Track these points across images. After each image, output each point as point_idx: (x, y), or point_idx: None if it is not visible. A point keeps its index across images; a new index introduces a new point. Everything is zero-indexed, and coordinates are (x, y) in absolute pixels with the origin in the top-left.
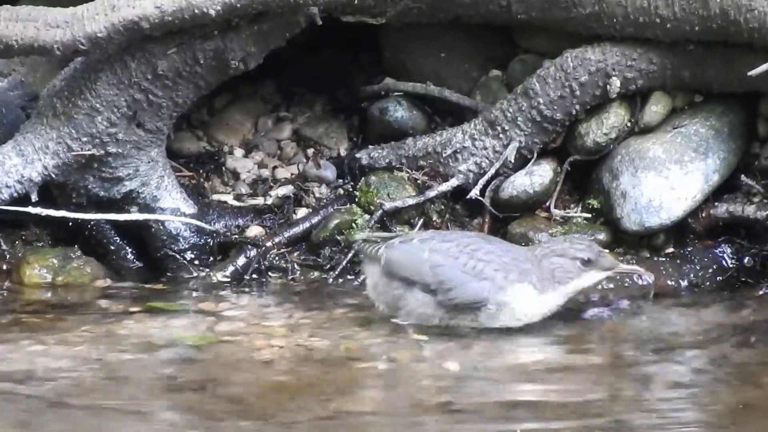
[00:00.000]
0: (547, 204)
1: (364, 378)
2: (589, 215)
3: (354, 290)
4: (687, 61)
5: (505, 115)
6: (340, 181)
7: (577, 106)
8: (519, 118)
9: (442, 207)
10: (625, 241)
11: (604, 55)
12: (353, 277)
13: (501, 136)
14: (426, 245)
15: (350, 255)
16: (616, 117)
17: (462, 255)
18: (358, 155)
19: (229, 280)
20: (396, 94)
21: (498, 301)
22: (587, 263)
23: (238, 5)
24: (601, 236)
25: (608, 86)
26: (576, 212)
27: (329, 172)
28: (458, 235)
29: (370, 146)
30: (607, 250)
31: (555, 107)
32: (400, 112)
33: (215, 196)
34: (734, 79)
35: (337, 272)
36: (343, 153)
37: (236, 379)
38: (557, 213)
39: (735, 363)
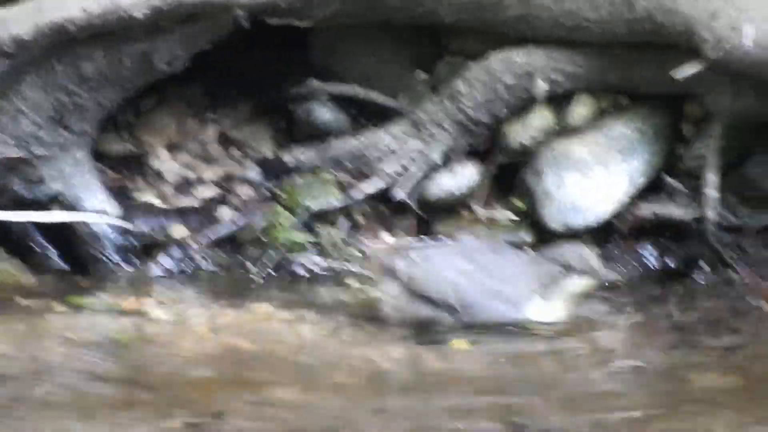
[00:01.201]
0: (473, 205)
1: (290, 374)
2: (515, 216)
3: (280, 290)
4: (613, 64)
5: (430, 116)
6: (266, 182)
7: (503, 108)
8: (444, 120)
9: (368, 208)
10: (550, 242)
11: (530, 57)
12: (279, 277)
13: (427, 137)
14: (445, 262)
15: (276, 256)
16: (541, 119)
17: (479, 272)
18: (283, 157)
19: (153, 280)
20: (322, 95)
21: (517, 320)
22: (570, 269)
23: (165, 8)
24: (526, 237)
25: (534, 88)
26: (501, 213)
27: (254, 173)
28: (468, 247)
29: (296, 148)
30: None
31: (481, 109)
32: (326, 114)
33: (140, 198)
34: (660, 81)
35: (263, 273)
36: (269, 154)
37: (160, 374)
38: (483, 214)
39: (662, 364)
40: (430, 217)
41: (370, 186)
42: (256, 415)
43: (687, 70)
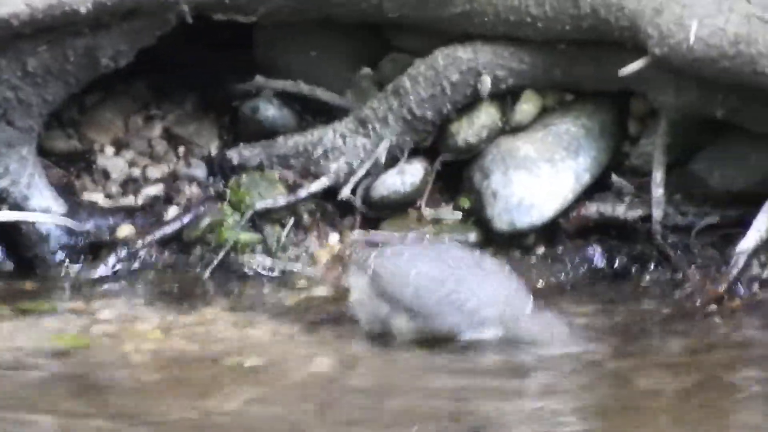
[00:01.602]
0: (419, 204)
1: (236, 377)
2: (461, 215)
3: (226, 290)
4: (559, 60)
5: (375, 114)
6: (211, 180)
7: (449, 105)
8: (390, 117)
9: (314, 207)
10: (496, 241)
11: (476, 54)
12: (225, 276)
13: (372, 135)
14: (414, 264)
15: (222, 255)
16: (487, 116)
17: (448, 281)
18: (228, 154)
19: (100, 280)
20: (267, 92)
21: (470, 338)
22: None
23: (109, 3)
24: (472, 236)
25: (479, 85)
26: (447, 212)
27: (200, 171)
28: (450, 253)
29: (241, 145)
30: None
31: (426, 106)
32: (271, 111)
33: (86, 196)
34: (605, 78)
35: (208, 272)
36: (214, 152)
37: (106, 379)
38: (428, 213)
39: (608, 366)
40: (375, 215)
41: (316, 184)
42: (200, 422)
43: (632, 67)
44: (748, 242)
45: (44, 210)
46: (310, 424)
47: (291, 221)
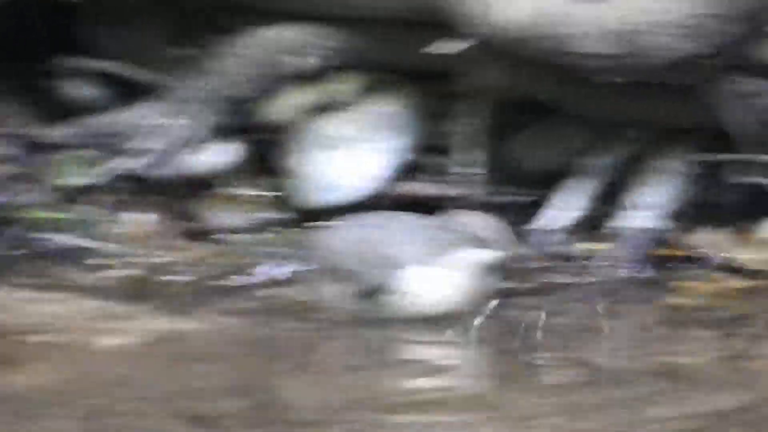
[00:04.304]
0: (233, 183)
1: (37, 352)
2: (274, 193)
3: (32, 269)
4: (380, 40)
5: (193, 93)
6: (23, 159)
7: (267, 84)
8: (207, 97)
9: (128, 185)
10: (311, 220)
11: (296, 33)
12: (32, 255)
13: (188, 114)
14: (339, 233)
15: (30, 234)
16: (304, 95)
17: (367, 241)
18: (42, 133)
19: None
20: (84, 71)
21: (400, 288)
22: (473, 239)
23: None
24: (287, 215)
25: (298, 65)
26: (262, 191)
27: (12, 149)
28: (374, 219)
29: (55, 124)
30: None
31: (245, 85)
32: (87, 91)
33: None
34: (425, 58)
35: (16, 252)
36: (27, 131)
37: None
38: (243, 191)
39: None
40: (189, 194)
41: (131, 163)
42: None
43: (453, 47)
44: (558, 220)
45: None
46: (106, 397)
47: (105, 200)
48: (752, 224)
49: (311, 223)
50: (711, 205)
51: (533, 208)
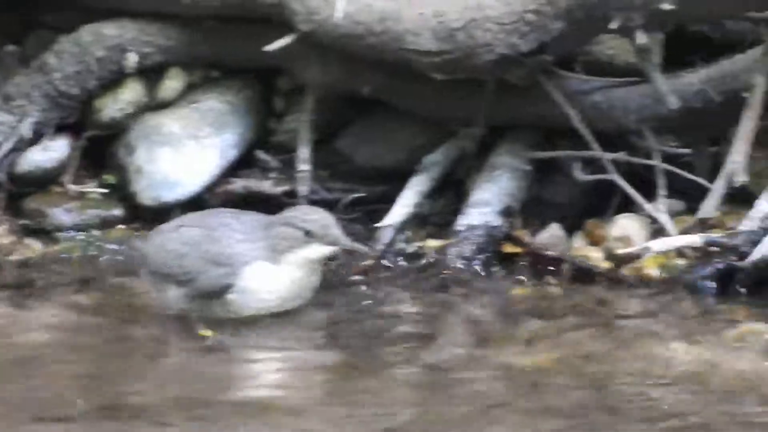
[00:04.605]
0: (64, 180)
1: None
2: (106, 190)
3: None
4: (206, 37)
5: (20, 90)
6: None
7: (94, 82)
8: (34, 93)
9: None
10: (143, 216)
11: (121, 30)
12: None
13: (16, 111)
14: (174, 234)
15: None
16: (132, 92)
17: (204, 241)
18: None
19: None
20: None
21: (240, 287)
22: (310, 235)
23: None
24: (117, 212)
25: (124, 62)
26: (92, 187)
27: None
28: (210, 217)
29: None
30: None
31: (71, 82)
32: None
33: None
34: (252, 54)
35: None
36: None
37: None
38: (73, 188)
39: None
40: (20, 192)
41: None
42: None
43: (278, 43)
44: (394, 217)
45: None
46: None
47: None
48: (589, 220)
49: (148, 220)
50: (547, 202)
51: (375, 204)
